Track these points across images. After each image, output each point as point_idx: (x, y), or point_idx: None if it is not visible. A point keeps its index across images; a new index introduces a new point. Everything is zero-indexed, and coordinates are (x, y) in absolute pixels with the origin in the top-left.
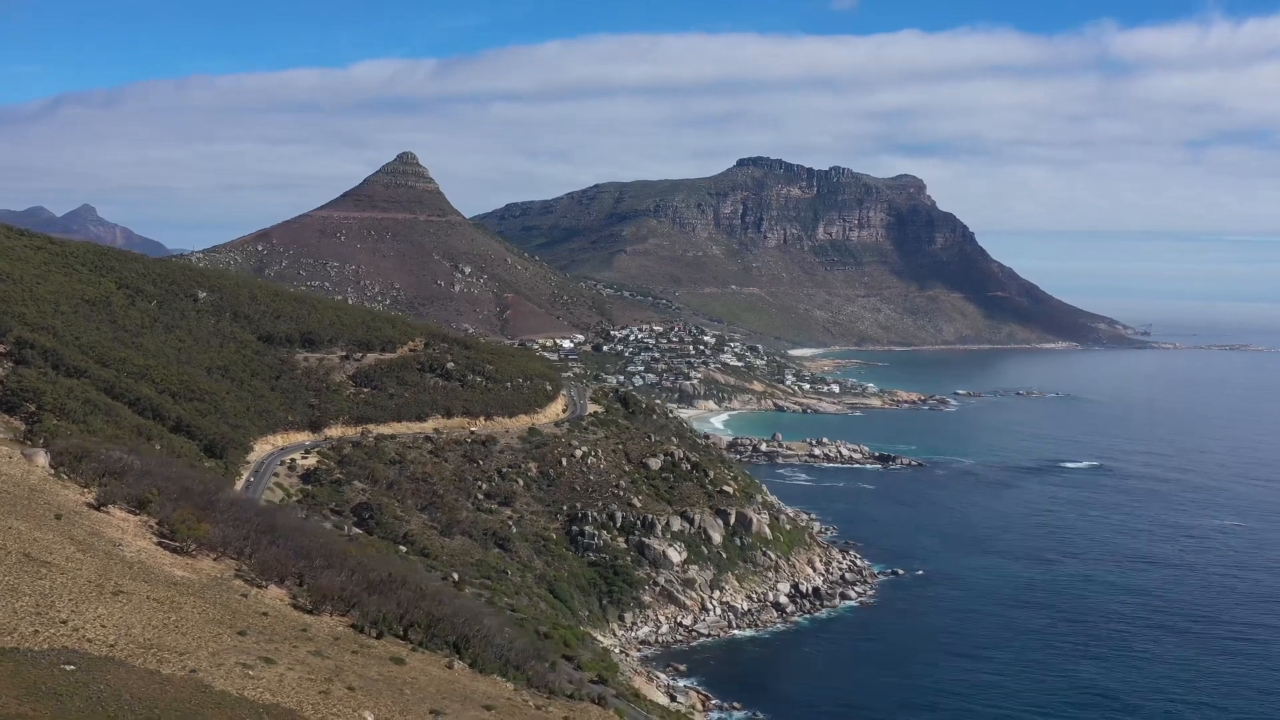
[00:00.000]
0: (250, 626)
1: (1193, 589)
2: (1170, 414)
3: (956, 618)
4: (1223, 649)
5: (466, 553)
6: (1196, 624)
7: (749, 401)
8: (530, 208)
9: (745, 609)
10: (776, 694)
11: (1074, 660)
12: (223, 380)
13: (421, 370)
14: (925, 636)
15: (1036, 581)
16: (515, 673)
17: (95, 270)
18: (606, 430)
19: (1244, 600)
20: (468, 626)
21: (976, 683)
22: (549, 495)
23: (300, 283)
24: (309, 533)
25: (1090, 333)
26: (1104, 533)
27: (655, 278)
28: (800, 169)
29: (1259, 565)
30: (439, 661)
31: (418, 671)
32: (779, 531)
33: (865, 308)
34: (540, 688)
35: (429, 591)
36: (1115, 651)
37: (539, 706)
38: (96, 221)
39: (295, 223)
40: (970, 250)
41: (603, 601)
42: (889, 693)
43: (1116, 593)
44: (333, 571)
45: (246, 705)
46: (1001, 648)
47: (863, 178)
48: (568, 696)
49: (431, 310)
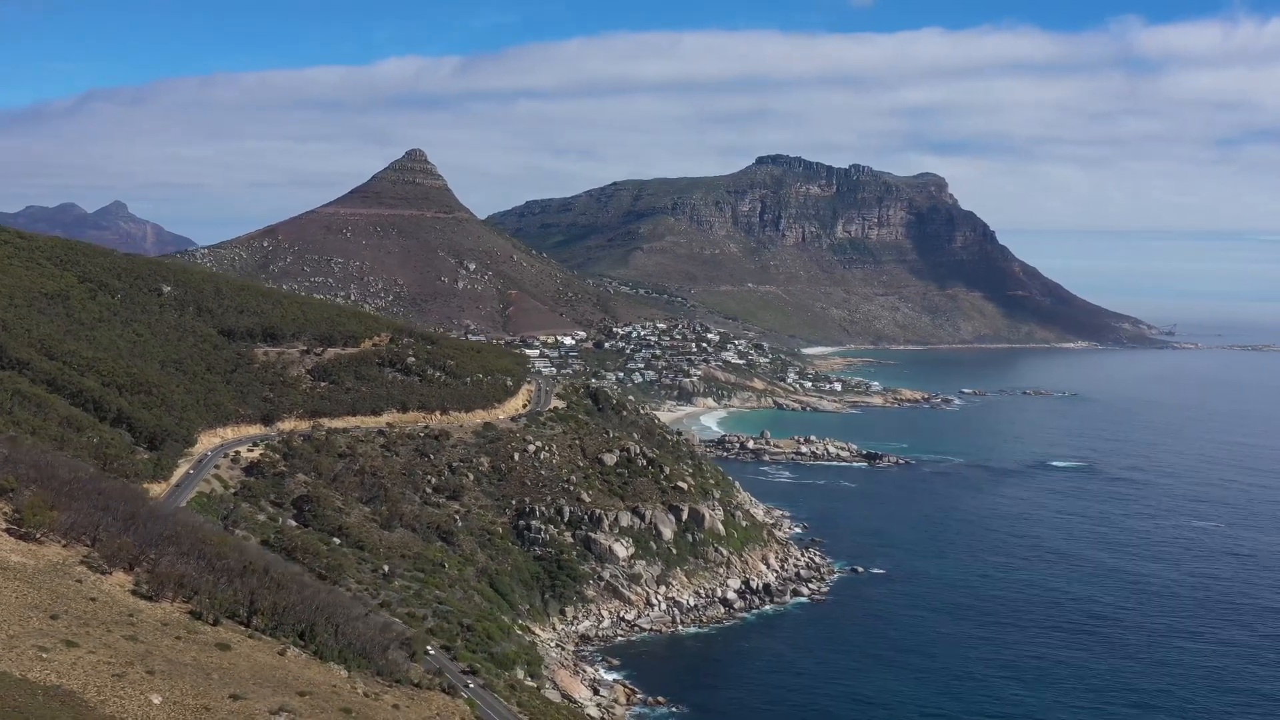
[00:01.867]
0: (68, 611)
1: (1140, 595)
2: (1172, 415)
3: (900, 619)
4: (1157, 661)
5: (405, 546)
6: (1131, 633)
7: (749, 399)
8: (549, 205)
9: (691, 604)
10: (705, 689)
11: (995, 669)
12: (175, 373)
13: (381, 365)
14: (863, 637)
15: (990, 583)
16: (361, 660)
17: (60, 265)
18: (565, 426)
19: (1189, 610)
20: (317, 615)
21: (894, 690)
22: (499, 490)
23: (304, 279)
24: (178, 522)
25: (1111, 332)
26: (1071, 534)
27: (671, 275)
28: (819, 167)
29: (1218, 573)
30: (271, 649)
31: (241, 658)
32: (734, 528)
33: (883, 306)
34: (386, 676)
35: (285, 580)
36: (1035, 661)
37: (369, 694)
38: (127, 218)
39: (302, 219)
40: (991, 249)
41: (545, 596)
42: (812, 691)
43: (1060, 597)
44: (184, 559)
45: (25, 686)
46: (933, 653)
47: (883, 176)
48: (414, 685)
49: (434, 306)
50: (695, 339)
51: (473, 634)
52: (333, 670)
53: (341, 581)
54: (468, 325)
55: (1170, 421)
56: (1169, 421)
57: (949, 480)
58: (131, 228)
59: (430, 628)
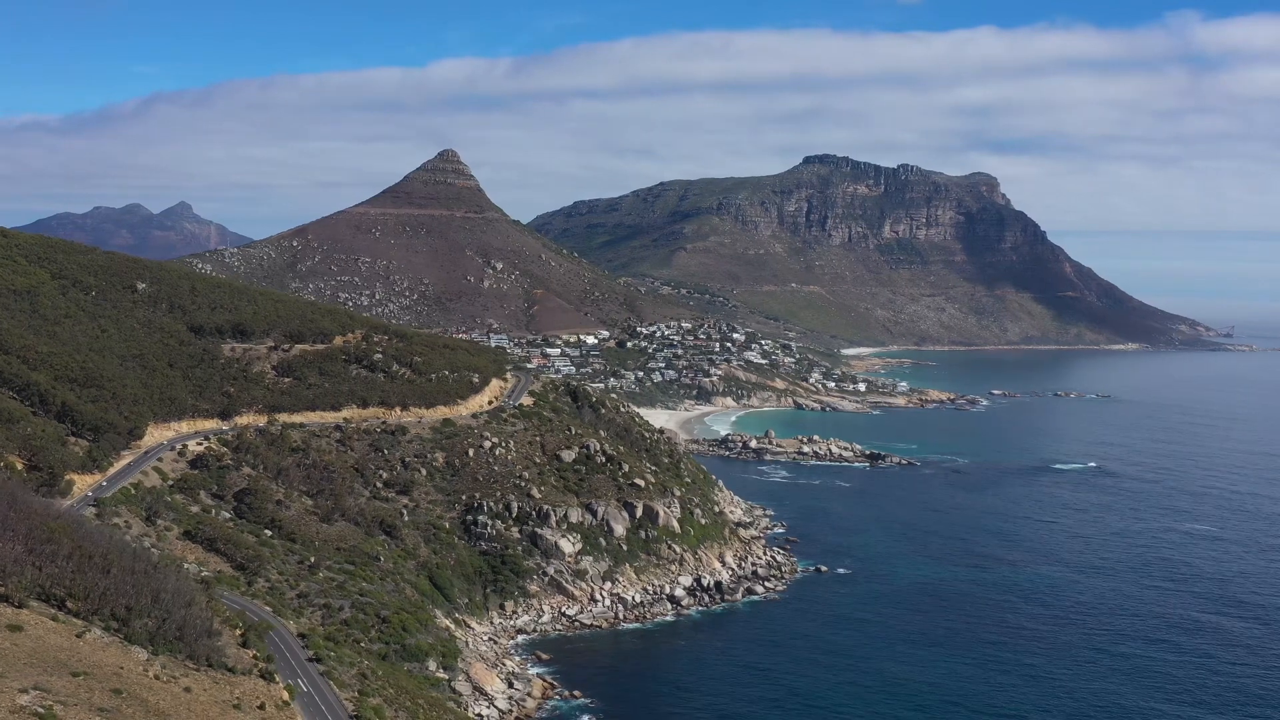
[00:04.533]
0: None
1: (1112, 598)
2: (1197, 419)
3: (845, 620)
4: (1110, 669)
5: (343, 538)
6: (1086, 639)
7: (769, 399)
8: (597, 205)
9: (637, 601)
10: (626, 685)
11: (919, 671)
12: (134, 368)
13: (348, 361)
14: (799, 637)
15: (951, 585)
16: (175, 645)
17: (35, 261)
18: (527, 423)
19: (1159, 616)
20: (141, 599)
21: (810, 691)
22: (451, 485)
23: (329, 278)
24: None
25: (1164, 334)
26: (1056, 536)
27: (714, 275)
28: (868, 166)
29: (1204, 575)
30: (71, 631)
31: (29, 639)
32: (691, 525)
33: (929, 307)
34: (198, 660)
35: (122, 565)
36: (963, 666)
37: (161, 677)
38: (192, 218)
39: (332, 219)
40: (1041, 250)
41: (486, 590)
42: (729, 689)
43: (1023, 600)
44: (3, 544)
45: None
46: (863, 654)
47: (932, 176)
48: (228, 670)
49: (458, 305)
50: (720, 338)
51: (387, 625)
52: (132, 653)
53: (261, 572)
54: (490, 324)
55: (1193, 426)
56: (1192, 426)
57: (948, 481)
58: (195, 228)
59: (347, 619)
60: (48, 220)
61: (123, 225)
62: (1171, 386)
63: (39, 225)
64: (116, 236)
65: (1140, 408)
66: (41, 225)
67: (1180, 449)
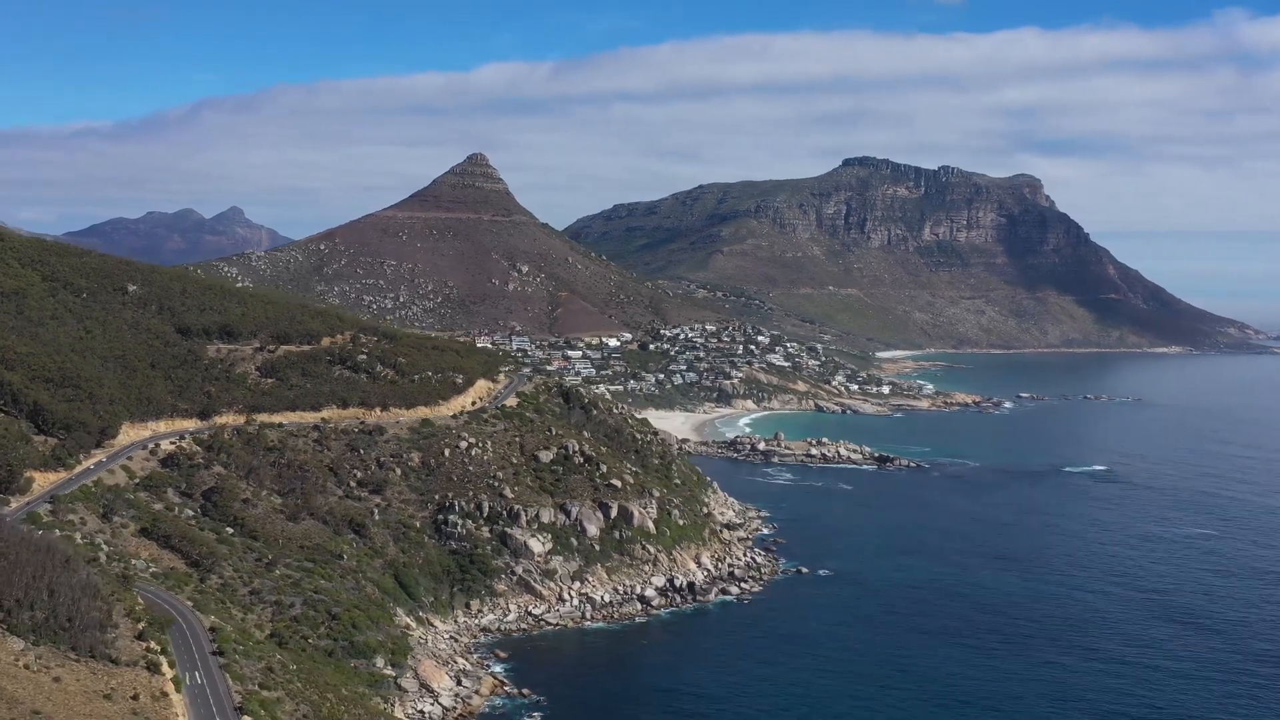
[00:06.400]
0: None
1: (1090, 604)
2: (1230, 421)
3: (814, 621)
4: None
5: (308, 536)
6: (1040, 643)
7: (789, 401)
8: (636, 209)
9: (606, 601)
10: (579, 683)
11: (880, 671)
12: (115, 369)
13: (331, 362)
14: (762, 637)
15: (933, 587)
16: (59, 635)
17: (27, 264)
18: (508, 423)
19: (1136, 621)
20: (31, 593)
21: (766, 692)
22: (425, 485)
23: (355, 280)
24: None
25: (1208, 337)
26: (1049, 539)
27: (750, 278)
28: (907, 168)
29: (1189, 580)
30: None
31: None
32: (668, 525)
33: (968, 310)
34: (81, 651)
35: (13, 559)
36: (927, 670)
37: (33, 667)
38: (244, 223)
39: (360, 223)
40: (1084, 251)
41: (453, 589)
42: (683, 687)
43: (999, 604)
44: None
45: None
46: (824, 655)
47: (973, 177)
48: (110, 661)
49: (482, 308)
50: (744, 341)
51: (337, 623)
52: (8, 643)
53: (215, 569)
54: (513, 327)
55: (1219, 430)
56: (1218, 430)
57: (954, 484)
58: (247, 232)
59: (297, 615)
60: (102, 225)
61: (175, 230)
62: (1206, 390)
63: (93, 230)
64: (169, 241)
65: (1169, 411)
66: (96, 230)
67: (1198, 454)
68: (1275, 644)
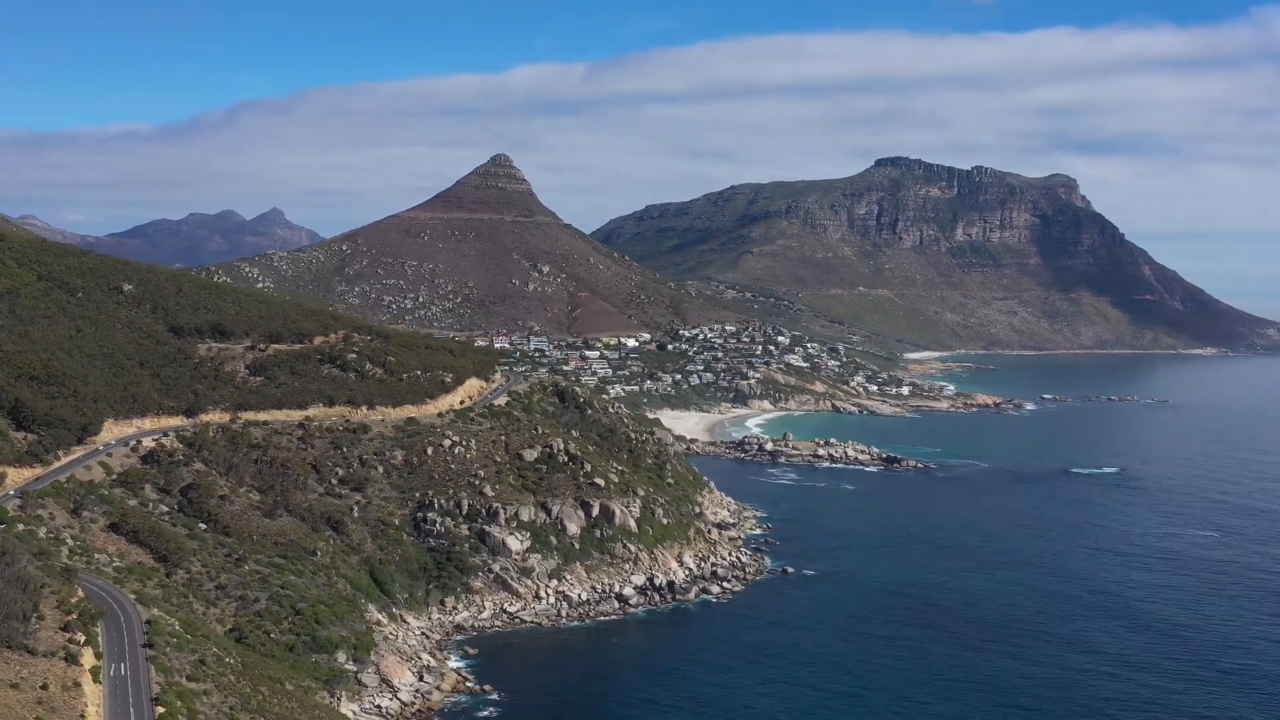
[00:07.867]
0: None
1: (1060, 604)
2: (1244, 426)
3: (791, 621)
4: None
5: (283, 533)
6: (1024, 640)
7: (806, 402)
8: (667, 209)
9: (583, 599)
10: (542, 681)
11: (851, 671)
12: (102, 367)
13: (321, 361)
14: (733, 638)
15: (916, 587)
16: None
17: (23, 263)
18: (494, 422)
19: (1124, 625)
20: None
21: (731, 693)
22: (406, 483)
23: (375, 281)
24: None
25: (1245, 339)
26: (1046, 540)
27: (780, 279)
28: (940, 169)
29: (1180, 585)
30: None
31: None
32: (651, 524)
33: (1000, 311)
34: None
35: None
36: (900, 672)
37: None
38: (284, 224)
39: (383, 223)
40: (1119, 252)
41: (429, 586)
42: (650, 685)
43: (983, 604)
44: None
45: None
46: (790, 657)
47: (1006, 177)
48: (28, 651)
49: (501, 308)
50: (764, 341)
51: (300, 618)
52: None
53: (183, 564)
54: (532, 327)
55: (1239, 433)
56: (1237, 433)
57: (959, 485)
58: (287, 234)
59: (260, 610)
60: (144, 226)
61: (216, 231)
62: (1240, 393)
63: (136, 231)
64: (210, 242)
65: (1194, 413)
66: (139, 231)
67: (1215, 456)
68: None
